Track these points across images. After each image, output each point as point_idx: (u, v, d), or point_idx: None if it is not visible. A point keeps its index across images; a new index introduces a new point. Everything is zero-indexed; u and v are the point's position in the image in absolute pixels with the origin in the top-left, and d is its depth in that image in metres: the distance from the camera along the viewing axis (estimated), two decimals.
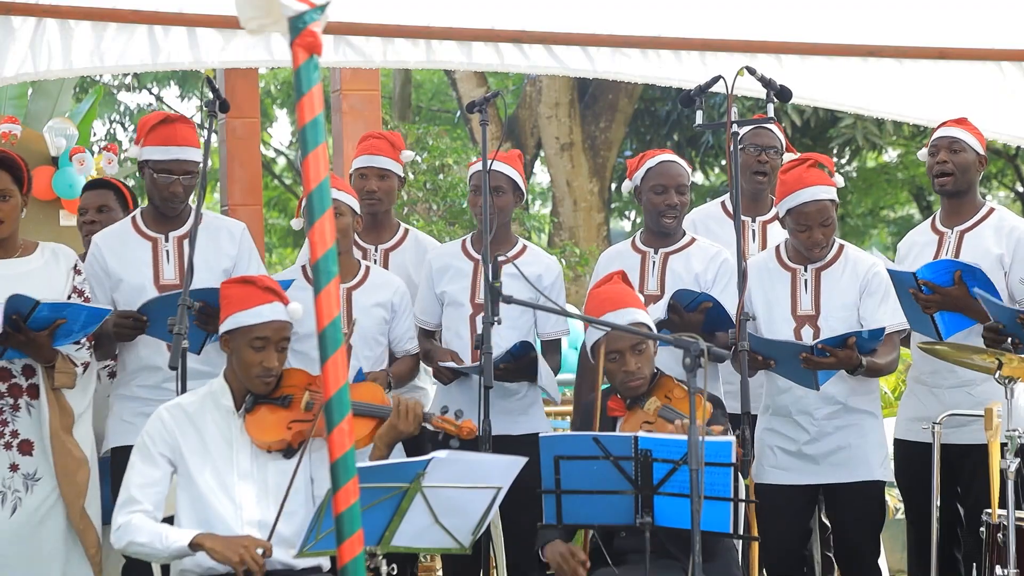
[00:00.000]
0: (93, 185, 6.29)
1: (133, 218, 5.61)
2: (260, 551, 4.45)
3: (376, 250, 6.04)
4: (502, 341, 5.65)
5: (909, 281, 5.64)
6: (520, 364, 5.61)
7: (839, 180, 5.73)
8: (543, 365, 5.65)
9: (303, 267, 5.71)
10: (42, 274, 5.26)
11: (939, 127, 5.95)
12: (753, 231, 6.19)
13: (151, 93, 24.55)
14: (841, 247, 5.70)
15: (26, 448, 5.21)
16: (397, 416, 4.79)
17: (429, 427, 4.91)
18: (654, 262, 5.83)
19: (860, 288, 5.59)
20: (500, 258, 5.56)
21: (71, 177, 8.91)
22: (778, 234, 5.99)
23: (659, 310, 5.53)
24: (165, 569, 4.89)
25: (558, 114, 17.03)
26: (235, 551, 4.44)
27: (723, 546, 4.89)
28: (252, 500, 4.66)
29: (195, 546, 4.49)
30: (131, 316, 5.33)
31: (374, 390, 5.01)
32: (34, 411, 5.22)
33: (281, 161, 25.68)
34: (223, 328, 4.78)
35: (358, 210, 5.69)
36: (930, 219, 6.05)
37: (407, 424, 4.80)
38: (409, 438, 4.93)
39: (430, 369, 6.08)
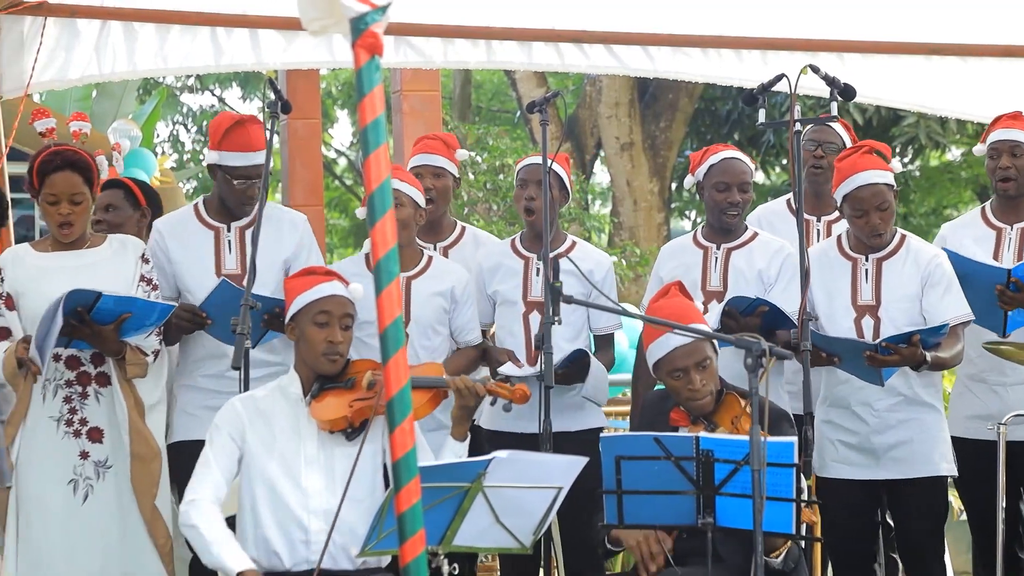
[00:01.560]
0: (104, 185, 6.31)
1: (196, 207, 5.65)
2: None
3: (435, 248, 6.05)
4: (558, 338, 5.65)
5: (999, 277, 5.59)
6: (573, 370, 5.60)
7: (896, 165, 5.68)
8: (593, 374, 5.62)
9: (366, 255, 5.73)
10: (111, 264, 5.32)
11: (996, 125, 5.92)
12: (818, 231, 6.14)
13: (213, 95, 24.74)
14: (903, 237, 5.64)
15: (96, 435, 5.26)
16: (460, 396, 4.83)
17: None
18: (716, 258, 5.79)
19: (922, 279, 5.53)
20: (557, 255, 5.58)
21: (134, 178, 8.98)
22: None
23: (711, 319, 5.48)
24: None
25: (618, 114, 17.00)
26: None
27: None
28: (320, 487, 4.68)
29: None
30: (191, 311, 5.37)
31: (433, 368, 5.06)
32: (103, 399, 5.26)
33: (342, 162, 25.80)
34: (288, 315, 4.84)
35: (421, 203, 5.70)
36: (979, 212, 6.03)
37: (470, 399, 4.84)
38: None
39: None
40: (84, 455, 5.24)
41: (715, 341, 5.02)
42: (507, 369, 5.59)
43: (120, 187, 6.18)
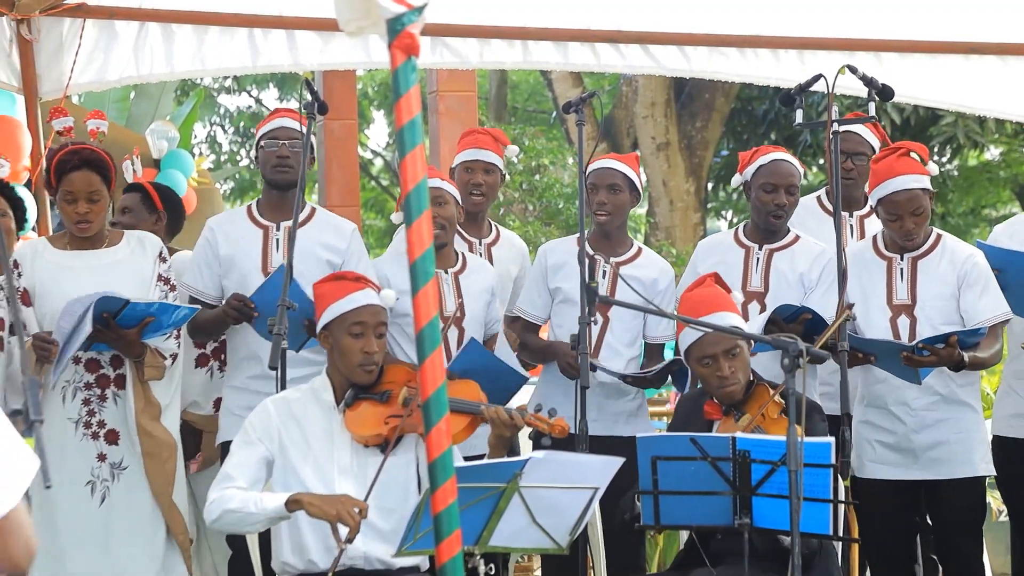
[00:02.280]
0: (125, 189, 6.36)
1: (249, 206, 5.73)
2: (356, 509, 4.45)
3: (480, 244, 6.07)
4: (616, 343, 5.66)
5: None
6: (660, 375, 5.63)
7: (933, 168, 5.64)
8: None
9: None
10: (129, 263, 5.35)
11: None
12: (851, 226, 6.11)
13: (251, 96, 24.83)
14: (939, 236, 5.61)
15: (112, 438, 5.30)
16: (495, 426, 4.80)
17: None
18: (758, 258, 5.77)
19: (959, 279, 5.51)
20: (614, 260, 5.58)
21: (172, 179, 9.03)
22: (876, 229, 5.92)
23: (756, 326, 5.47)
24: (267, 569, 4.94)
25: (654, 114, 16.98)
26: (332, 506, 4.45)
27: (823, 555, 4.82)
28: (353, 495, 4.68)
29: (292, 504, 4.49)
30: (242, 300, 5.38)
31: (470, 387, 5.02)
32: (120, 401, 5.30)
33: (378, 162, 25.85)
34: (320, 323, 4.83)
35: (460, 201, 5.73)
36: None
37: (506, 430, 4.80)
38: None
39: None
40: (101, 457, 5.28)
41: (743, 327, 5.04)
42: (603, 367, 5.58)
43: (139, 191, 6.23)
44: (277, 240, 5.59)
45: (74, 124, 6.52)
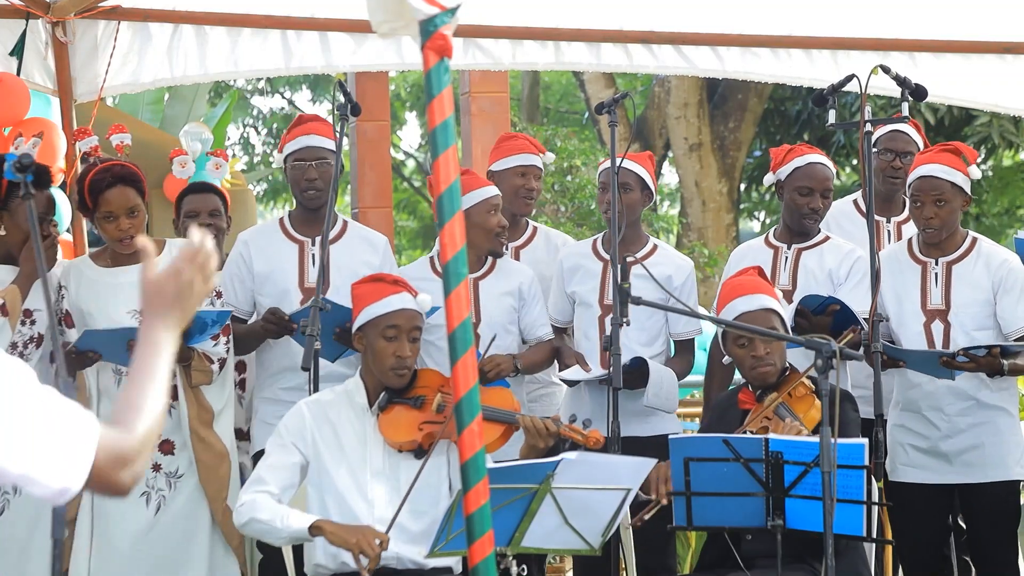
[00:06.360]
0: (203, 189, 6.20)
1: (281, 220, 5.72)
2: (377, 541, 4.47)
3: (507, 248, 6.07)
4: (631, 342, 5.63)
5: None
6: (629, 379, 5.50)
7: (975, 172, 5.60)
8: (656, 383, 5.57)
9: (431, 258, 5.75)
10: None
11: None
12: (888, 231, 6.09)
13: (284, 97, 24.90)
14: (974, 240, 5.58)
15: (167, 448, 5.31)
16: (530, 436, 4.77)
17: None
18: (787, 257, 5.76)
19: (994, 284, 5.47)
20: (628, 258, 5.56)
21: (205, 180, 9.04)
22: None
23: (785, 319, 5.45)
24: (299, 567, 4.95)
25: (687, 114, 16.94)
26: (353, 535, 4.48)
27: (851, 546, 4.81)
28: (384, 499, 4.70)
29: (314, 530, 4.52)
30: (280, 316, 5.39)
31: (504, 395, 5.01)
32: (174, 411, 5.31)
33: (410, 163, 25.88)
34: (356, 325, 4.84)
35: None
36: None
37: (543, 440, 4.78)
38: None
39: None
40: (156, 467, 5.30)
41: (783, 314, 5.04)
42: (573, 372, 5.60)
43: (216, 192, 6.12)
44: (313, 255, 5.58)
45: (99, 143, 6.47)
